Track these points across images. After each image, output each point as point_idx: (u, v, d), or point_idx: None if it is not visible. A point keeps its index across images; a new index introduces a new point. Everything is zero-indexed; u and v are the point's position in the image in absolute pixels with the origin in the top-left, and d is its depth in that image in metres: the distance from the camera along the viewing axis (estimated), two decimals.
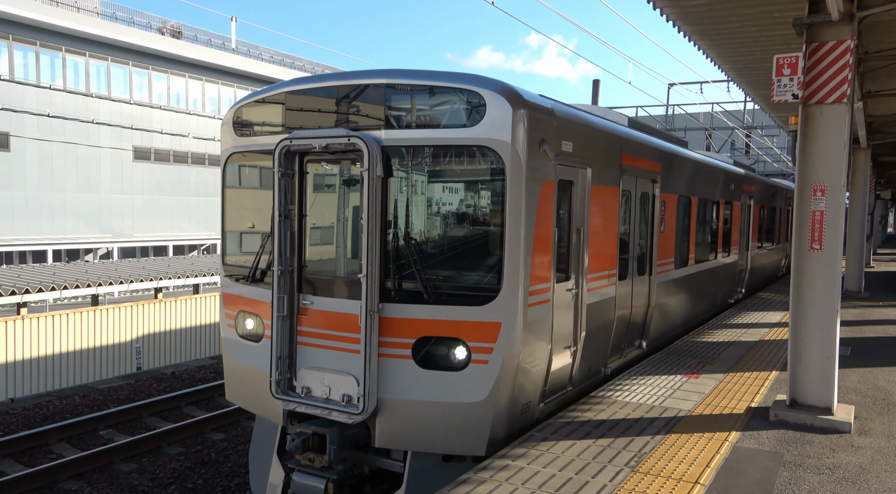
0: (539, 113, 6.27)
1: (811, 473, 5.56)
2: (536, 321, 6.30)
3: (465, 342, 6.02)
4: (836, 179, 6.64)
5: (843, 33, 6.56)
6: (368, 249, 6.06)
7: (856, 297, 17.36)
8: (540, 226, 6.23)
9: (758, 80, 12.99)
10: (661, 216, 9.87)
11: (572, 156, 6.89)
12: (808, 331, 6.81)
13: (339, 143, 6.21)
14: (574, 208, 7.15)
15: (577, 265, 7.24)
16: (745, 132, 31.87)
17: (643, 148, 9.22)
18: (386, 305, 6.18)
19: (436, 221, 6.45)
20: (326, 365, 6.48)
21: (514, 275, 5.96)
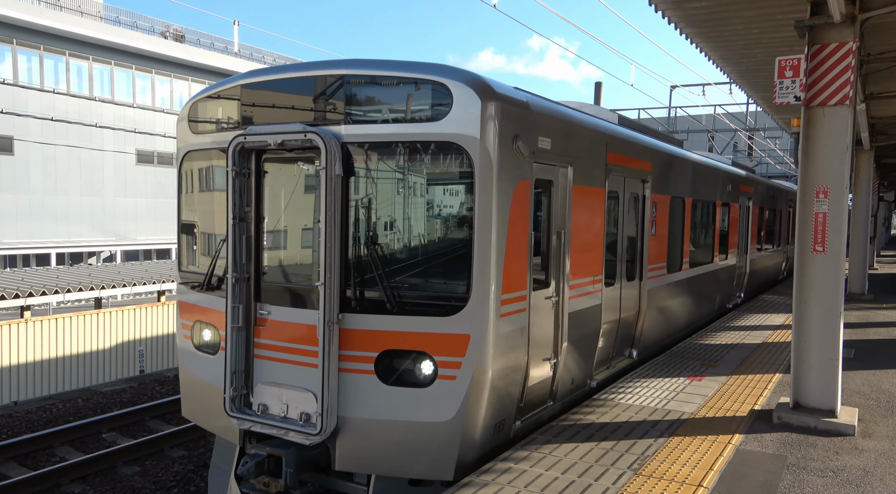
0: (512, 106, 5.84)
1: (815, 476, 5.54)
2: (510, 333, 5.85)
3: (432, 355, 5.58)
4: (838, 181, 6.63)
5: (846, 35, 6.56)
6: (327, 254, 5.63)
7: (859, 299, 17.31)
8: (514, 229, 5.84)
9: (760, 82, 12.98)
10: (653, 219, 9.44)
11: (551, 153, 6.46)
12: (811, 333, 6.80)
13: (295, 139, 5.78)
14: (554, 209, 6.73)
15: (557, 271, 6.80)
16: (748, 134, 31.84)
17: (632, 146, 8.77)
18: (346, 315, 5.77)
19: (400, 224, 5.95)
20: (284, 380, 6.02)
21: (484, 283, 5.53)
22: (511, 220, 5.79)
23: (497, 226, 5.60)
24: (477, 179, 5.51)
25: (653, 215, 9.45)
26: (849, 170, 6.71)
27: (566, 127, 6.88)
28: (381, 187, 5.89)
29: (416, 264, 5.93)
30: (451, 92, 5.52)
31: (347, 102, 5.85)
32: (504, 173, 5.67)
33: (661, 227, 9.82)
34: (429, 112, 5.62)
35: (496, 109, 5.57)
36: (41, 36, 33.02)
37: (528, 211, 6.06)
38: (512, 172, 5.79)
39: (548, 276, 6.69)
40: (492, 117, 5.54)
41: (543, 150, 6.32)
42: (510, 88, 6.13)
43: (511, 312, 5.87)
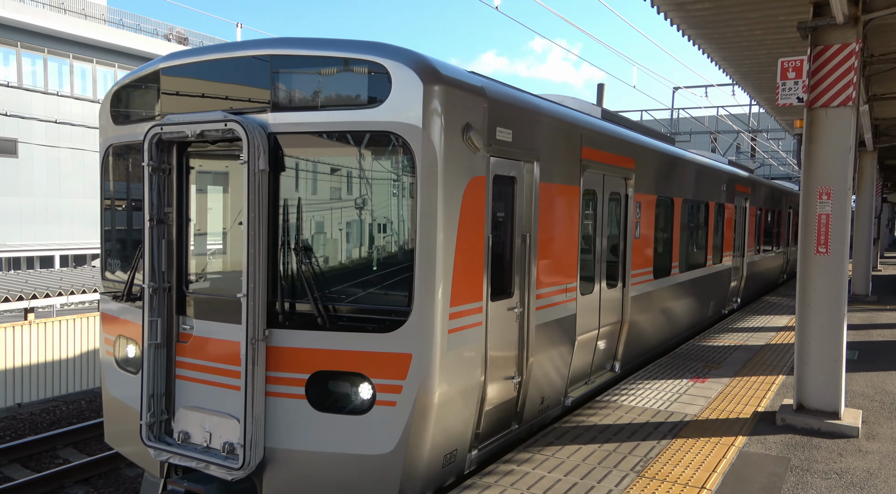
0: (462, 91, 5.19)
1: (818, 478, 5.52)
2: (462, 350, 5.21)
3: (369, 378, 4.96)
4: (841, 182, 6.61)
5: (848, 36, 6.55)
6: (251, 262, 4.99)
7: (863, 300, 17.27)
8: (466, 232, 5.18)
9: (763, 83, 12.96)
10: (637, 220, 8.78)
11: (512, 147, 5.84)
12: (814, 335, 6.78)
13: (214, 129, 5.12)
14: (517, 209, 6.06)
15: (522, 279, 6.14)
16: (751, 136, 31.79)
17: (611, 141, 8.01)
18: (274, 331, 5.14)
19: (334, 227, 5.35)
20: (207, 405, 5.39)
21: (427, 294, 4.89)
22: (462, 221, 5.15)
23: (444, 228, 4.97)
24: (419, 174, 4.87)
25: (637, 217, 8.80)
26: (852, 171, 6.70)
27: (531, 117, 6.21)
28: (314, 185, 5.29)
29: (352, 273, 5.30)
30: (388, 74, 4.87)
31: (275, 87, 5.18)
32: (452, 168, 5.04)
33: (646, 229, 9.20)
34: (364, 97, 4.96)
35: (442, 93, 4.93)
36: (45, 39, 33.14)
37: (483, 211, 5.43)
38: (463, 167, 5.16)
39: (510, 284, 6.04)
40: (437, 103, 4.89)
41: (503, 142, 5.69)
42: (462, 71, 5.53)
43: (462, 326, 5.21)
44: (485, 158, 5.45)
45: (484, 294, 5.49)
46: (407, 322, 4.90)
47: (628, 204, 8.57)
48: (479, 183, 5.39)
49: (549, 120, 6.60)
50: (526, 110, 6.15)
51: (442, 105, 4.94)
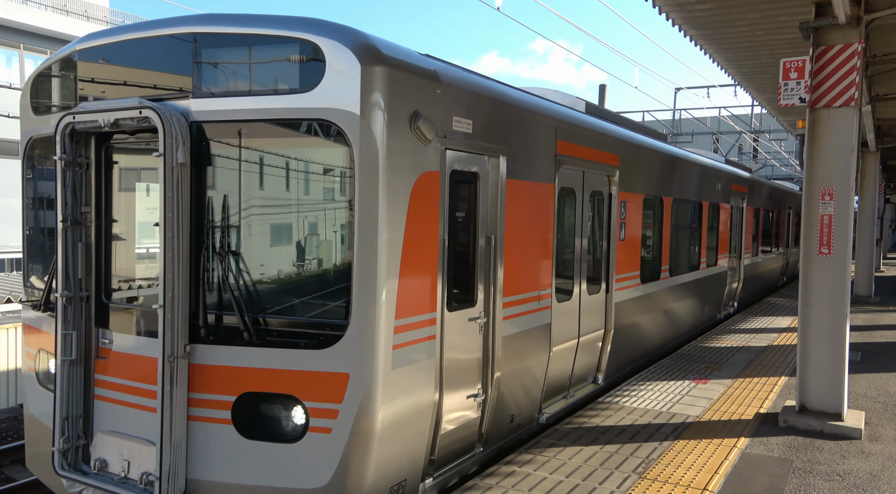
0: (410, 75, 4.64)
1: (821, 480, 5.50)
2: (410, 367, 4.69)
3: (302, 400, 4.42)
4: (844, 182, 6.60)
5: (851, 37, 6.53)
6: (168, 268, 4.42)
7: (866, 302, 17.24)
8: (414, 234, 4.63)
9: (765, 84, 12.95)
10: (621, 221, 8.23)
11: (473, 139, 5.27)
12: (817, 336, 6.76)
13: (129, 117, 4.51)
14: (481, 209, 5.53)
15: (487, 286, 5.62)
16: (753, 136, 31.76)
17: (591, 135, 7.41)
18: (197, 347, 4.58)
19: (264, 228, 4.80)
20: (126, 430, 4.81)
21: (367, 305, 4.35)
22: (410, 222, 4.59)
23: (387, 230, 4.42)
24: (358, 168, 4.31)
25: (621, 217, 8.23)
26: (854, 172, 6.69)
27: (495, 107, 5.65)
28: (242, 181, 4.69)
29: (283, 282, 4.74)
30: (323, 53, 4.32)
31: (198, 69, 4.63)
32: (398, 162, 4.48)
33: (632, 230, 8.61)
34: (296, 80, 4.42)
35: (384, 76, 4.37)
36: (48, 40, 33.22)
37: (437, 210, 4.88)
38: (411, 161, 4.61)
39: (472, 292, 5.51)
40: (378, 87, 4.34)
41: (462, 134, 5.15)
42: (412, 52, 4.96)
43: (411, 341, 4.68)
44: (439, 151, 4.87)
45: (439, 304, 4.94)
46: (344, 338, 4.34)
47: (612, 204, 8.00)
48: (432, 179, 4.81)
49: (518, 111, 6.00)
50: (489, 99, 5.57)
51: (384, 89, 4.38)
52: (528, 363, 6.30)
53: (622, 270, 8.33)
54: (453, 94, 5.08)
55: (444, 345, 5.08)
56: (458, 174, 5.24)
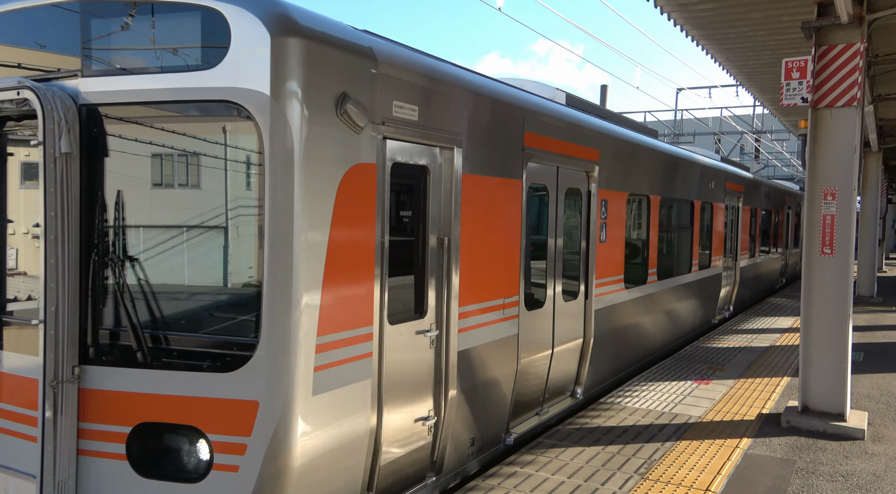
0: (336, 51, 3.98)
1: (824, 480, 5.49)
2: (338, 392, 4.06)
3: (205, 433, 3.79)
4: (846, 182, 6.59)
5: (853, 36, 6.52)
6: (49, 277, 3.81)
7: (868, 302, 17.22)
8: (342, 236, 4.01)
9: (767, 84, 12.95)
10: (602, 221, 7.61)
11: (420, 128, 4.66)
12: (819, 336, 6.75)
13: (8, 99, 3.89)
14: (431, 207, 4.93)
15: (439, 294, 5.02)
16: (755, 137, 31.73)
17: (567, 128, 6.75)
18: (88, 369, 3.95)
19: (165, 230, 4.16)
20: (10, 463, 4.18)
21: (281, 320, 3.72)
22: (337, 221, 3.98)
23: (306, 231, 3.80)
24: (268, 158, 3.70)
25: (602, 217, 7.60)
26: (857, 172, 6.68)
27: (447, 92, 4.99)
28: (139, 174, 4.11)
29: (186, 292, 4.13)
30: (227, 23, 3.71)
31: (86, 43, 4.00)
32: (320, 151, 3.87)
33: (614, 231, 8.00)
34: (198, 55, 3.81)
35: (301, 50, 3.73)
36: None
37: (373, 208, 4.27)
38: (337, 151, 3.99)
39: (421, 301, 4.89)
40: (293, 63, 3.71)
41: (405, 121, 4.53)
42: (342, 25, 4.32)
43: (339, 361, 4.05)
44: (375, 140, 4.26)
45: (376, 316, 4.33)
46: (252, 359, 3.72)
47: (591, 202, 7.37)
48: (366, 172, 4.19)
49: (475, 97, 5.34)
50: (440, 83, 4.91)
51: (302, 66, 3.74)
52: (491, 379, 5.71)
53: (603, 274, 7.75)
54: (394, 75, 4.41)
55: (383, 363, 4.46)
56: (401, 167, 4.60)
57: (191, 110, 3.91)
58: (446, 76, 5.06)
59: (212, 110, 3.86)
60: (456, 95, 5.11)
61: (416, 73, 4.67)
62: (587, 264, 7.39)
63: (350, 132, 4.07)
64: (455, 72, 5.29)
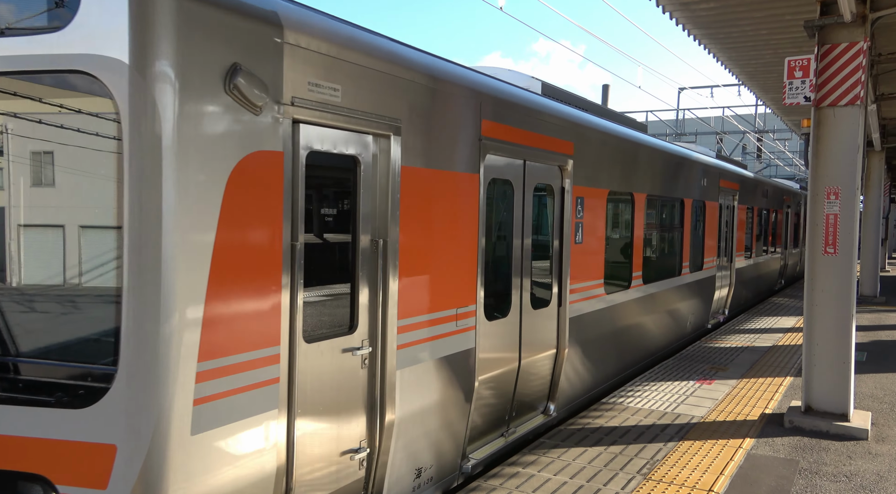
0: (223, 12, 3.27)
1: (827, 481, 5.47)
2: (229, 428, 3.34)
3: (54, 483, 3.12)
4: (849, 181, 6.56)
5: (856, 35, 6.50)
6: None
7: (871, 301, 17.18)
8: (234, 236, 3.32)
9: (769, 83, 12.92)
10: (577, 220, 6.97)
11: (345, 111, 4.00)
12: (822, 336, 6.73)
13: None
14: (363, 204, 4.29)
15: (373, 305, 4.37)
16: (757, 136, 31.68)
17: (534, 116, 6.15)
18: None
19: (8, 230, 3.38)
20: None
21: (144, 342, 3.03)
22: (227, 219, 3.27)
23: (181, 231, 3.10)
24: (128, 141, 3.01)
25: (578, 216, 6.97)
26: (860, 171, 6.66)
27: (382, 70, 4.30)
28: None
29: (28, 307, 3.40)
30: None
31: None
32: (200, 135, 3.16)
33: (593, 231, 7.38)
34: (44, 14, 3.18)
35: (173, 8, 3.04)
36: None
37: (279, 204, 3.59)
38: (227, 135, 3.27)
39: (352, 314, 4.25)
40: (161, 24, 3.01)
41: (324, 103, 3.86)
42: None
43: (230, 390, 3.33)
44: (281, 124, 3.60)
45: (285, 333, 3.65)
46: (109, 392, 3.02)
47: (565, 200, 6.76)
48: (269, 162, 3.53)
49: (418, 77, 4.64)
50: (371, 59, 4.22)
51: (173, 29, 3.03)
52: (441, 400, 5.04)
53: (580, 278, 7.12)
54: (307, 46, 3.73)
55: (296, 390, 3.79)
56: (323, 157, 3.97)
57: (41, 81, 3.18)
58: (379, 52, 4.32)
59: (63, 83, 3.15)
60: (393, 75, 4.41)
61: (338, 45, 3.94)
62: (560, 268, 6.76)
63: (245, 113, 3.38)
64: (391, 47, 4.55)
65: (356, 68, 4.11)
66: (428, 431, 4.95)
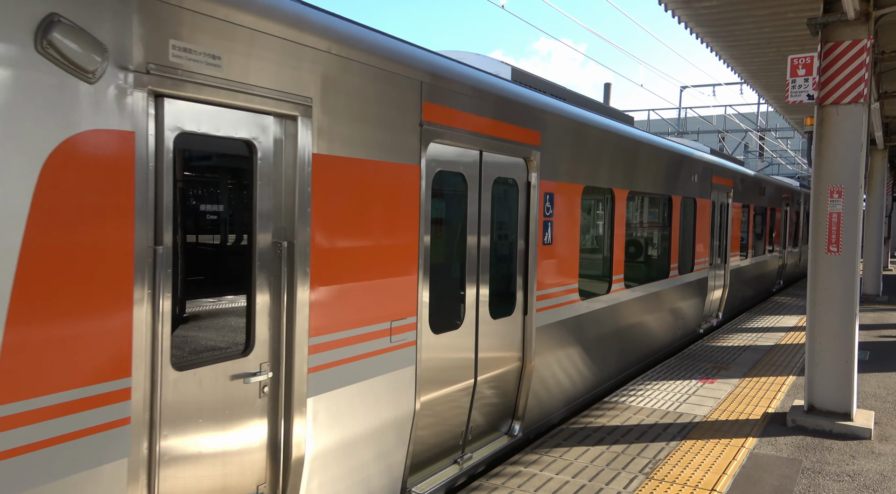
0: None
1: (830, 480, 5.45)
2: (51, 488, 2.66)
3: None
4: (853, 180, 6.54)
5: (860, 33, 6.47)
6: None
7: (873, 300, 17.14)
8: (58, 239, 2.67)
9: (772, 81, 12.88)
10: (546, 219, 6.32)
11: (229, 84, 3.30)
12: (825, 335, 6.71)
13: None
14: (261, 199, 3.59)
15: (275, 321, 3.70)
16: (759, 134, 31.62)
17: (491, 101, 5.48)
18: None
19: None
20: None
21: None
22: (40, 219, 2.61)
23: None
24: None
25: (546, 213, 6.30)
26: (863, 169, 6.63)
27: (281, 34, 3.59)
28: None
29: None
30: None
31: None
32: (4, 108, 2.51)
33: (564, 231, 6.66)
34: None
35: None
36: None
37: (131, 199, 2.91)
38: (39, 109, 2.61)
39: (248, 332, 3.59)
40: None
41: (194, 73, 3.14)
42: None
43: (46, 440, 2.65)
44: (127, 95, 2.88)
45: (143, 359, 3.00)
46: None
47: (531, 195, 6.10)
48: (109, 145, 2.82)
49: (335, 47, 3.95)
50: (267, 22, 3.50)
51: None
52: (371, 429, 4.38)
53: (549, 283, 6.44)
54: None
55: (158, 431, 3.10)
56: (199, 141, 3.29)
57: None
58: (280, 14, 3.57)
59: None
60: (300, 44, 3.70)
61: (217, 2, 3.23)
62: (526, 272, 6.10)
63: (69, 80, 2.67)
64: (298, 10, 3.77)
65: (247, 33, 3.38)
66: (353, 466, 4.30)
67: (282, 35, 3.60)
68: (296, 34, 3.69)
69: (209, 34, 3.22)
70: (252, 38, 3.43)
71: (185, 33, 3.10)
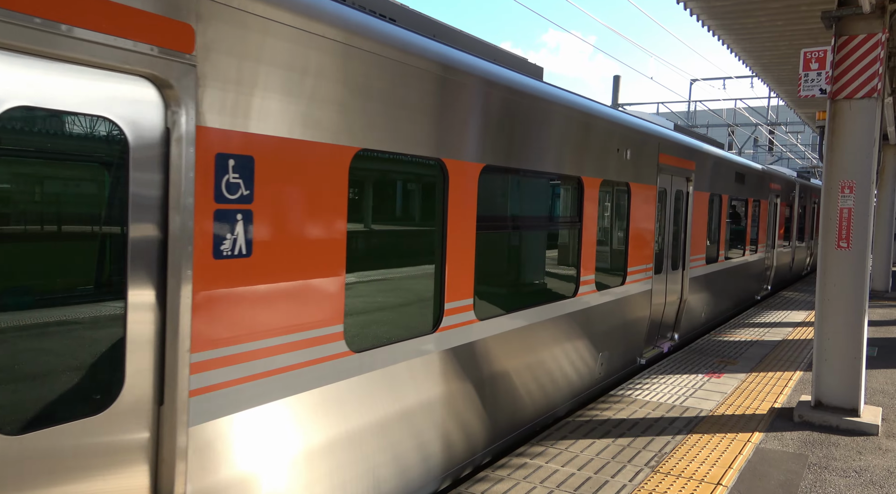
0: None
1: (837, 476, 5.44)
2: None
3: None
4: (865, 175, 6.50)
5: (875, 26, 6.41)
6: None
7: (882, 296, 17.05)
8: None
9: (784, 75, 12.78)
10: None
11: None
12: (834, 331, 6.68)
13: None
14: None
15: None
16: (769, 129, 31.41)
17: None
18: None
19: None
20: None
21: None
22: None
23: None
24: None
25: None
26: (875, 165, 6.59)
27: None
28: None
29: None
30: None
31: None
32: None
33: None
34: None
35: None
36: None
37: None
38: None
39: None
40: None
41: None
42: None
43: None
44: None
45: None
46: None
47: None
48: None
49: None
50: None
51: None
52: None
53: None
54: None
55: None
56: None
57: None
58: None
59: None
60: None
61: None
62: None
63: None
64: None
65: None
66: None
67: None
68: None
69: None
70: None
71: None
